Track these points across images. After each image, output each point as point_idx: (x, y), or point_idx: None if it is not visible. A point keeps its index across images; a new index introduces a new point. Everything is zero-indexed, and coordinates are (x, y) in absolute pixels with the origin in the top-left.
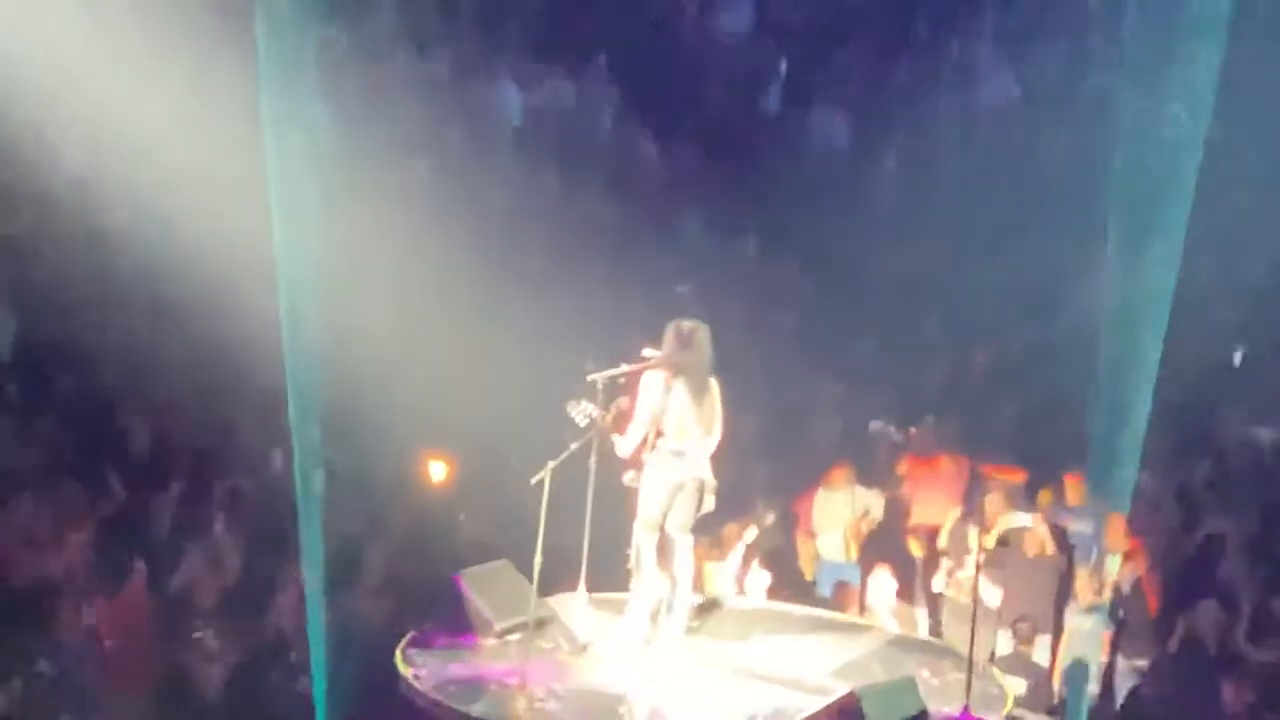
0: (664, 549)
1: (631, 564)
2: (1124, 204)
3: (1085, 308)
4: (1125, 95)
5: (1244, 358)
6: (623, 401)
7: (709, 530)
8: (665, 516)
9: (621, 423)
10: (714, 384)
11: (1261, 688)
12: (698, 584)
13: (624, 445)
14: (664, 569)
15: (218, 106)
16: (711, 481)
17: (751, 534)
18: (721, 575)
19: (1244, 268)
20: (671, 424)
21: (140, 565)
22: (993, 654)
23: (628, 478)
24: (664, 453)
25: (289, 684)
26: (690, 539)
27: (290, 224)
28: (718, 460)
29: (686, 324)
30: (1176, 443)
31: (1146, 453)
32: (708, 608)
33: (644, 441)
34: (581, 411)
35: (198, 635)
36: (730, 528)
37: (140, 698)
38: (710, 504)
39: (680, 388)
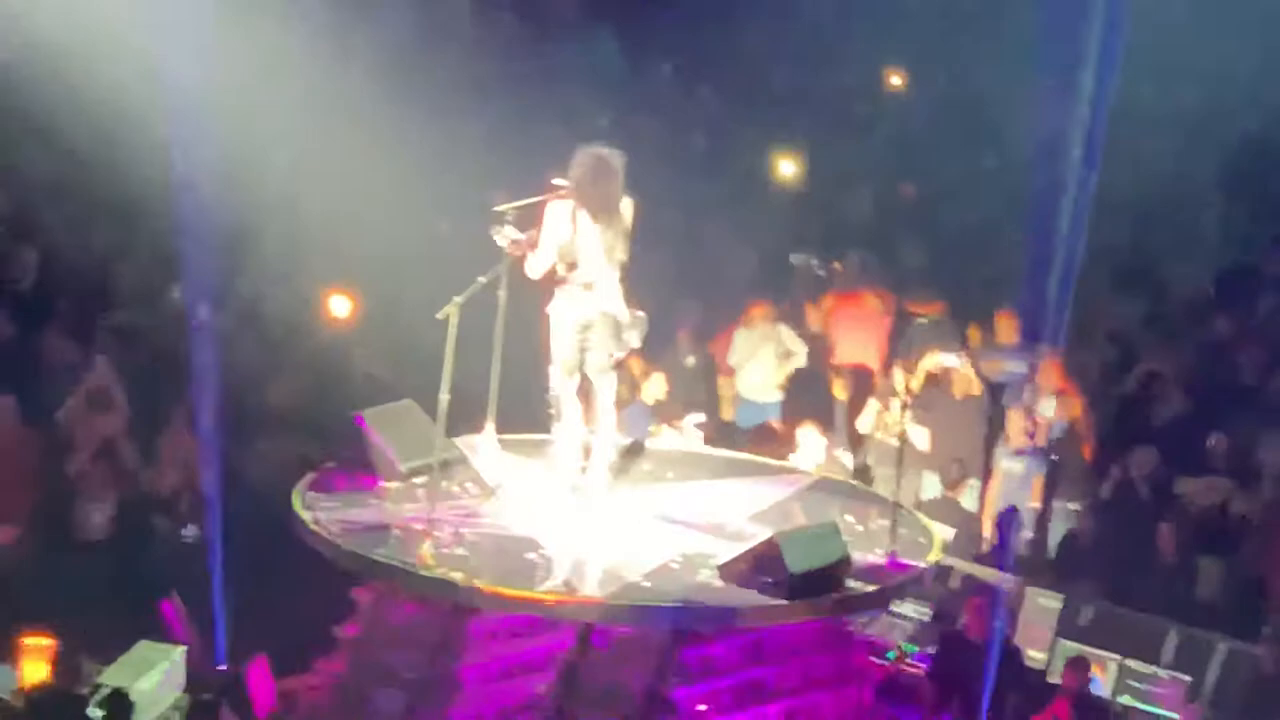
0: (583, 389)
1: (552, 410)
2: (1056, 28)
3: (1018, 137)
4: None
5: (1179, 190)
6: (533, 234)
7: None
8: (582, 356)
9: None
10: (625, 210)
11: (1196, 529)
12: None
13: (532, 267)
14: (584, 411)
15: None
16: (627, 316)
17: (658, 382)
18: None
19: (1180, 97)
20: (581, 256)
21: (12, 402)
22: (919, 498)
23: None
24: (573, 286)
25: (183, 527)
26: (610, 378)
27: (183, 48)
28: (636, 296)
29: (596, 150)
30: (1112, 279)
31: (1080, 289)
32: (624, 451)
33: (552, 269)
34: (504, 235)
35: (84, 479)
36: (636, 363)
37: (25, 544)
38: (635, 340)
39: (588, 218)
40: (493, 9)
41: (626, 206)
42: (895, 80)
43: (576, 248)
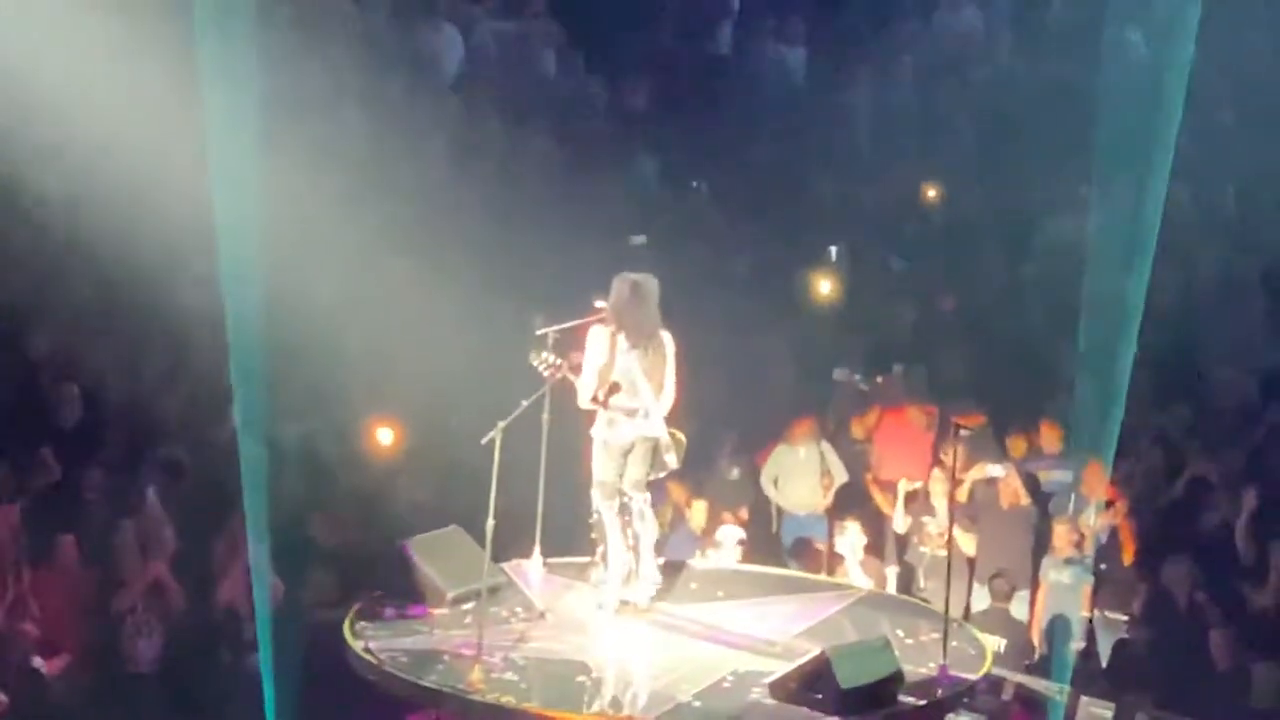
0: (621, 510)
1: (595, 533)
2: (1104, 141)
3: (1057, 248)
4: (1103, 24)
5: (1227, 297)
6: (575, 356)
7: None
8: (621, 478)
9: (578, 375)
10: (665, 339)
11: (1250, 635)
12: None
13: (582, 394)
14: (624, 531)
15: (149, 61)
16: (667, 439)
17: (701, 509)
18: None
19: (1226, 204)
20: (621, 380)
21: (72, 541)
22: (968, 610)
23: None
24: (614, 411)
25: (235, 660)
26: (646, 497)
27: (227, 183)
28: (681, 414)
29: (632, 277)
30: (1157, 386)
31: (1127, 397)
32: (670, 571)
33: (596, 396)
34: (544, 361)
35: (133, 612)
36: (678, 489)
37: (77, 676)
38: (673, 462)
39: (627, 344)
40: (528, 135)
41: (667, 338)
42: (936, 192)
43: (616, 372)
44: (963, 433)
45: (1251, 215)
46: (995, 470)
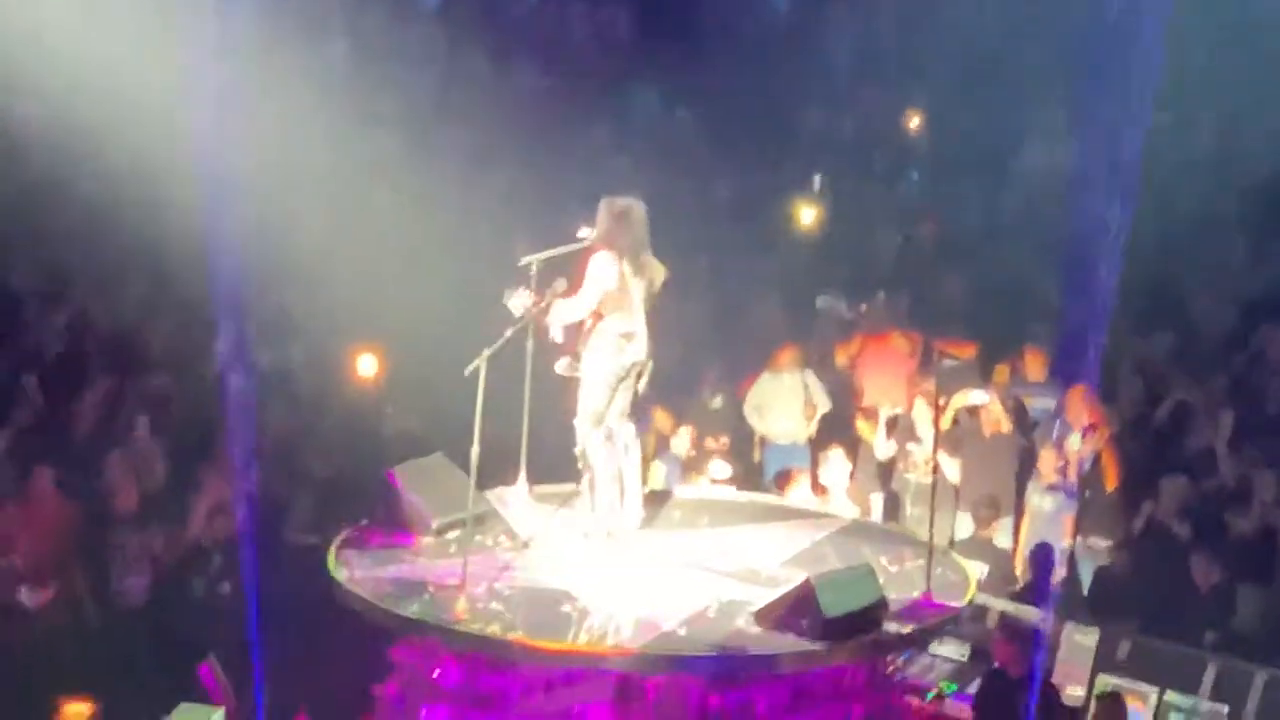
0: (607, 438)
1: (581, 463)
2: (1089, 67)
3: (1041, 177)
4: None
5: (1208, 227)
6: (559, 284)
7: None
8: (608, 407)
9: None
10: (652, 260)
11: (1232, 560)
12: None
13: (563, 320)
14: (610, 461)
15: None
16: (648, 363)
17: (685, 435)
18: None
19: (1208, 134)
20: (617, 305)
21: (48, 473)
22: (952, 538)
23: (561, 365)
24: (611, 336)
25: (219, 589)
26: (632, 426)
27: (208, 115)
28: (663, 342)
29: (620, 201)
30: (1141, 312)
31: (1111, 324)
32: (654, 499)
33: (581, 325)
34: (518, 300)
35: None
36: (663, 415)
37: (63, 609)
38: (642, 385)
39: (629, 268)
40: (511, 64)
41: (654, 262)
42: (919, 122)
43: (614, 298)
44: (945, 361)
45: (1233, 145)
46: (978, 397)
